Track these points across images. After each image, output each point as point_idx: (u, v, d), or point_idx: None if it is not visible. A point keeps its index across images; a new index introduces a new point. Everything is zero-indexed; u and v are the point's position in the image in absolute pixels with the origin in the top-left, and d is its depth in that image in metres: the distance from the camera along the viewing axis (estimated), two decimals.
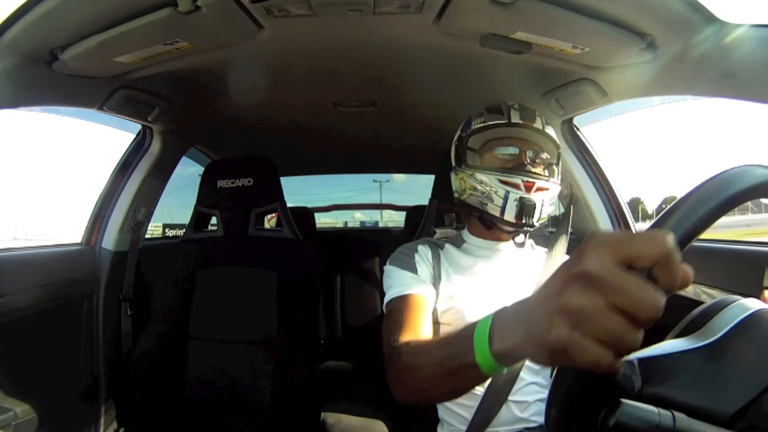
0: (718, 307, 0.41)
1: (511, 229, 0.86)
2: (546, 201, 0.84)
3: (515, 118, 0.85)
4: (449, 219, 1.12)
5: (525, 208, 0.81)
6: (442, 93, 1.17)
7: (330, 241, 2.01)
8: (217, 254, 1.24)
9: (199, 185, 1.28)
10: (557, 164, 0.89)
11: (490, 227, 0.90)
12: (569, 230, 0.92)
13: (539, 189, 0.82)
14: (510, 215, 0.82)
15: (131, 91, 1.02)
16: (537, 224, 0.84)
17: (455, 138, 0.94)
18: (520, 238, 0.91)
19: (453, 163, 0.92)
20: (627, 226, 1.28)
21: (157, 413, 1.15)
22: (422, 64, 1.00)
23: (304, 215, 2.04)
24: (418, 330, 0.75)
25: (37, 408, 1.01)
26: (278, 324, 1.17)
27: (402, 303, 0.80)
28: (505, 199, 0.82)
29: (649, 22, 0.72)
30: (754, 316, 0.38)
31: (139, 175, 1.32)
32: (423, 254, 0.89)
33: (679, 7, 0.66)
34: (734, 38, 0.68)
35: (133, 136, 1.35)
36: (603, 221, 1.28)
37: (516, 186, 0.81)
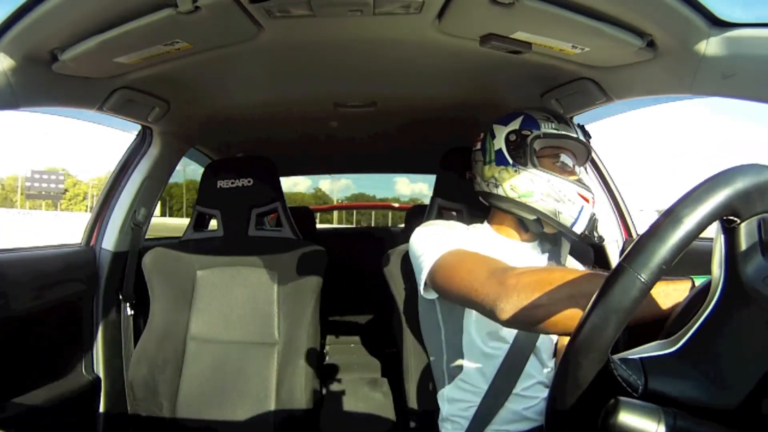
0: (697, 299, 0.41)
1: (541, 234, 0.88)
2: None
3: (581, 135, 0.88)
4: (449, 217, 1.12)
5: (595, 223, 0.85)
6: (442, 93, 1.17)
7: (330, 240, 2.01)
8: (217, 254, 1.24)
9: (199, 185, 1.28)
10: None
11: (526, 230, 0.90)
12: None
13: (594, 204, 0.87)
14: (580, 228, 0.84)
15: (131, 92, 1.02)
16: (604, 239, 0.87)
17: (507, 131, 0.89)
18: (549, 242, 0.93)
19: (509, 159, 0.88)
20: (627, 226, 1.28)
21: (157, 413, 1.15)
22: (422, 64, 1.00)
23: (305, 215, 2.04)
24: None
25: (37, 408, 1.01)
26: (279, 324, 1.18)
27: (469, 251, 0.77)
28: (580, 212, 0.83)
29: (649, 22, 0.72)
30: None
31: (139, 176, 1.32)
32: (464, 232, 0.88)
33: (679, 7, 0.66)
34: (734, 38, 0.68)
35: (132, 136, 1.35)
36: (604, 220, 1.28)
37: (587, 200, 0.84)
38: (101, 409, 1.23)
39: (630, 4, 0.69)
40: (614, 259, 1.25)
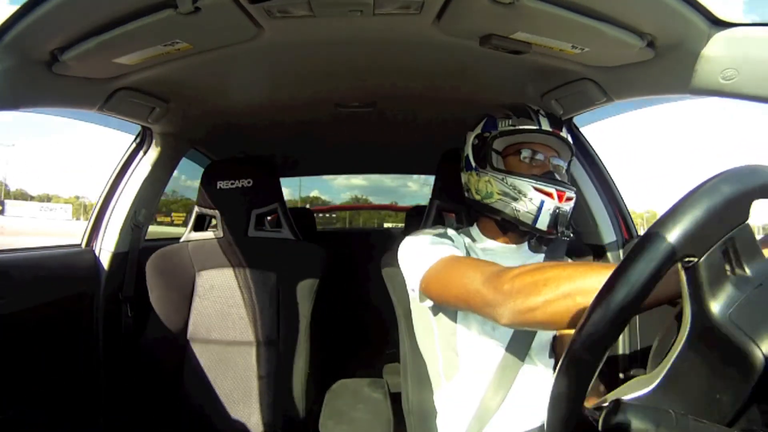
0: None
1: (526, 233, 0.86)
2: (572, 210, 0.84)
3: (545, 125, 0.85)
4: (449, 220, 1.11)
5: (560, 218, 0.81)
6: (442, 93, 1.17)
7: (330, 241, 2.01)
8: (217, 255, 1.24)
9: (199, 186, 1.28)
10: (569, 171, 0.90)
11: (507, 231, 0.89)
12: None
13: (568, 199, 0.83)
14: (543, 224, 0.82)
15: (131, 93, 1.02)
16: (570, 234, 0.84)
17: (473, 136, 0.91)
18: (535, 242, 0.91)
19: (473, 164, 0.90)
20: (627, 227, 1.28)
21: (157, 414, 1.15)
22: (422, 65, 1.00)
23: (305, 215, 2.04)
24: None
25: (37, 409, 1.01)
26: (278, 325, 1.18)
27: (461, 257, 0.76)
28: (540, 208, 0.81)
29: (649, 22, 0.72)
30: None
31: (139, 177, 1.32)
32: (455, 238, 0.87)
33: (679, 7, 0.66)
34: (734, 38, 0.68)
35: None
36: (603, 221, 1.28)
37: (550, 195, 0.81)
38: (102, 409, 1.23)
39: (630, 4, 0.69)
40: (614, 261, 1.25)
